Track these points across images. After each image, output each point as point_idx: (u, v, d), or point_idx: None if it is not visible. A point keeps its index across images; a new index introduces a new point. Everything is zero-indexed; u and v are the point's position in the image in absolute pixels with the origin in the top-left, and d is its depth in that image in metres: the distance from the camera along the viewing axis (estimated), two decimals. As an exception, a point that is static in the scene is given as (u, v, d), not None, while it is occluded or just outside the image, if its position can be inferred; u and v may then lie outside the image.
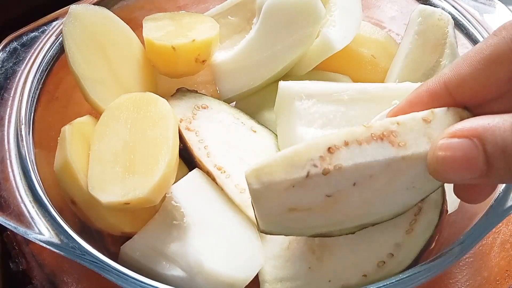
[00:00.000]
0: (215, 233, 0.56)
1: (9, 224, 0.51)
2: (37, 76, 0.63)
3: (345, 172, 0.46)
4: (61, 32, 0.62)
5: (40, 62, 0.64)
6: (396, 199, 0.48)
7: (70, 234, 0.51)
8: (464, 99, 0.45)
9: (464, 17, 0.70)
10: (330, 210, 0.48)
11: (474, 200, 0.48)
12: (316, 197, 0.47)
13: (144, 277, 0.49)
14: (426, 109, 0.46)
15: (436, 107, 0.46)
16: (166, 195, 0.57)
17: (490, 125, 0.39)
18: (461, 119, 0.45)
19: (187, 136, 0.62)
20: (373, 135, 0.46)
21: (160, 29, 0.65)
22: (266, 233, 0.50)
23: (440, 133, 0.43)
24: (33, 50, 0.64)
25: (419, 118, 0.46)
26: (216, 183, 0.59)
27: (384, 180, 0.47)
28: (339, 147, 0.46)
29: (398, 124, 0.46)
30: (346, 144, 0.46)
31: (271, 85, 0.68)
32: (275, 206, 0.47)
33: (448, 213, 0.57)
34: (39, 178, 0.56)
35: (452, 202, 0.58)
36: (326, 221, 0.48)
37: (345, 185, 0.47)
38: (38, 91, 0.63)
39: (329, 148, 0.46)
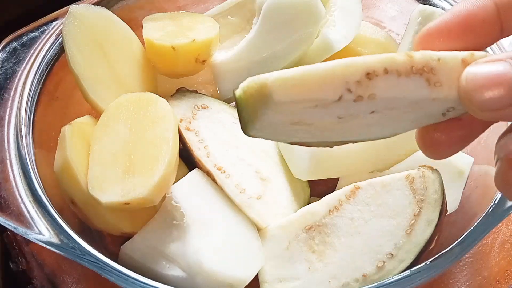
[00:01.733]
0: (215, 233, 0.56)
1: (9, 224, 0.51)
2: (37, 76, 0.63)
3: (375, 102, 0.42)
4: (61, 32, 0.62)
5: (40, 62, 0.64)
6: (394, 126, 0.44)
7: (70, 234, 0.51)
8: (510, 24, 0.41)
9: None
10: (331, 129, 0.43)
11: (439, 154, 0.43)
12: (329, 117, 0.42)
13: (144, 277, 0.49)
14: (474, 22, 0.42)
15: (483, 24, 0.42)
16: (166, 195, 0.57)
17: None
18: None
19: (187, 136, 0.62)
20: (413, 68, 0.41)
21: (160, 29, 0.65)
22: (249, 135, 0.43)
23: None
24: (33, 50, 0.64)
25: (459, 59, 0.41)
26: (216, 183, 0.59)
27: (401, 113, 0.43)
28: (378, 74, 0.41)
29: (439, 61, 0.41)
30: (386, 72, 0.41)
31: (271, 85, 0.68)
32: (282, 120, 0.42)
33: (448, 213, 0.57)
34: (39, 178, 0.56)
35: (452, 202, 0.58)
36: (316, 137, 0.44)
37: (364, 111, 0.42)
38: (38, 91, 0.63)
39: (367, 74, 0.41)
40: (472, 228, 0.51)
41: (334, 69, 0.41)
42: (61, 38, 0.64)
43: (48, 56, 0.64)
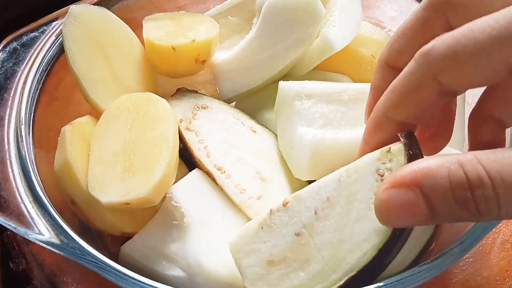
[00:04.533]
0: (215, 233, 0.56)
1: (9, 224, 0.51)
2: (37, 76, 0.63)
3: (303, 199, 0.48)
4: (61, 32, 0.62)
5: (40, 62, 0.64)
6: (365, 224, 0.47)
7: (70, 235, 0.51)
8: (397, 63, 0.48)
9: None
10: (305, 256, 0.48)
11: (429, 150, 0.49)
12: (286, 238, 0.48)
13: (144, 277, 0.49)
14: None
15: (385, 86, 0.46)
16: (166, 195, 0.57)
17: (427, 170, 0.38)
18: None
19: (187, 136, 0.62)
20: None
21: (160, 29, 0.65)
22: None
23: (383, 180, 0.45)
24: (33, 50, 0.64)
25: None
26: (216, 183, 0.59)
27: (342, 201, 0.47)
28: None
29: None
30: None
31: (271, 85, 0.68)
32: (253, 261, 0.49)
33: (448, 213, 0.57)
34: (39, 178, 0.56)
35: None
36: (307, 274, 0.48)
37: (308, 216, 0.48)
38: (38, 91, 0.63)
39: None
40: (472, 228, 0.51)
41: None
42: (61, 38, 0.64)
43: (48, 56, 0.64)
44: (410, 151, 0.45)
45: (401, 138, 0.46)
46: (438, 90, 0.41)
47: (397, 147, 0.46)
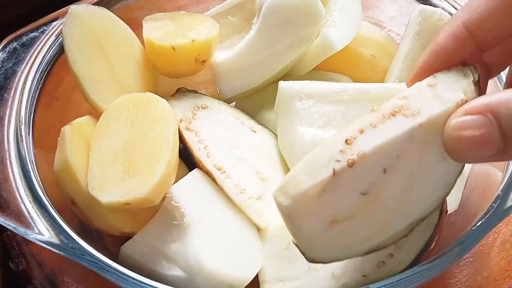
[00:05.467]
0: (215, 233, 0.56)
1: (9, 224, 0.51)
2: (37, 76, 0.63)
3: (370, 158, 0.44)
4: (61, 32, 0.62)
5: (40, 62, 0.64)
6: (434, 177, 0.45)
7: (70, 234, 0.51)
8: (486, 39, 0.44)
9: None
10: (371, 211, 0.45)
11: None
12: (351, 198, 0.45)
13: (144, 277, 0.49)
14: (452, 56, 0.45)
15: (460, 52, 0.44)
16: (166, 195, 0.57)
17: (503, 98, 0.37)
18: (464, 74, 0.44)
19: (187, 136, 0.62)
20: (384, 115, 0.44)
21: (160, 29, 0.65)
22: (317, 262, 0.46)
23: (453, 108, 0.42)
24: (33, 50, 0.64)
25: (424, 86, 0.45)
26: (216, 183, 0.59)
27: (413, 157, 0.44)
28: (355, 137, 0.44)
29: (406, 98, 0.45)
30: (361, 131, 0.44)
31: (271, 85, 0.68)
32: (313, 222, 0.45)
33: (448, 213, 0.57)
34: (39, 178, 0.56)
35: (452, 202, 0.58)
36: (372, 228, 0.46)
37: (376, 175, 0.44)
38: (38, 91, 0.63)
39: (346, 140, 0.44)
40: (472, 228, 0.51)
41: (317, 152, 0.45)
42: (61, 38, 0.64)
43: (48, 56, 0.64)
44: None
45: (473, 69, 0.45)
46: None
47: (471, 89, 0.44)
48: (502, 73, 0.60)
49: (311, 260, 0.46)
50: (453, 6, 0.71)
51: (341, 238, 0.46)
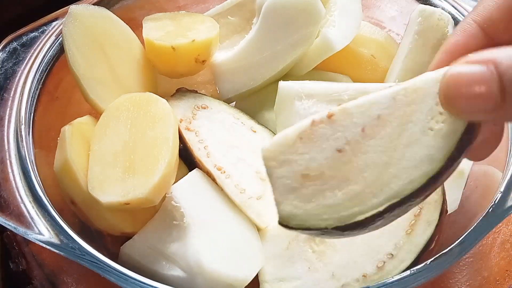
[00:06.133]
0: (215, 233, 0.56)
1: (9, 224, 0.51)
2: (37, 76, 0.63)
3: (349, 111, 0.44)
4: (61, 32, 0.62)
5: (40, 62, 0.64)
6: (417, 150, 0.42)
7: (70, 234, 0.51)
8: (497, 35, 0.42)
9: (464, 16, 0.70)
10: (344, 175, 0.43)
11: (476, 156, 0.45)
12: (326, 152, 0.43)
13: (144, 277, 0.49)
14: (465, 51, 0.42)
15: (473, 46, 0.42)
16: (166, 195, 0.57)
17: (506, 50, 0.36)
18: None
19: (187, 136, 0.62)
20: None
21: (160, 29, 0.65)
22: (286, 225, 0.45)
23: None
24: (33, 50, 0.64)
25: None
26: (216, 183, 0.59)
27: (395, 122, 0.43)
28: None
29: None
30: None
31: (271, 85, 0.68)
32: (287, 172, 0.43)
33: (448, 213, 0.57)
34: (39, 178, 0.56)
35: (452, 202, 0.58)
36: (343, 195, 0.43)
37: (354, 133, 0.43)
38: (38, 91, 0.63)
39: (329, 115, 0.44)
40: (472, 228, 0.51)
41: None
42: (61, 38, 0.64)
43: (48, 56, 0.64)
44: None
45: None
46: None
47: None
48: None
49: (281, 220, 0.45)
50: (453, 6, 0.71)
51: (310, 198, 0.44)
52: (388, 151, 0.42)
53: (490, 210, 0.52)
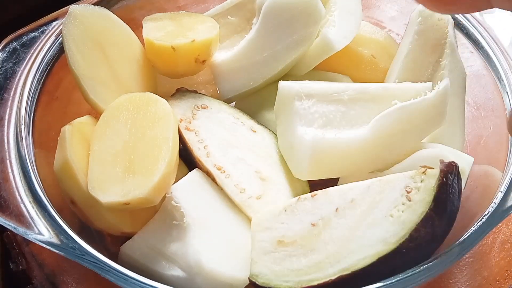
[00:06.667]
0: (215, 233, 0.56)
1: (9, 224, 0.51)
2: (37, 76, 0.63)
3: (330, 194, 0.52)
4: (61, 32, 0.62)
5: (40, 62, 0.64)
6: (376, 232, 0.49)
7: (70, 235, 0.51)
8: None
9: (464, 17, 0.70)
10: (312, 245, 0.50)
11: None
12: (302, 225, 0.51)
13: (144, 277, 0.49)
14: None
15: None
16: (166, 195, 0.57)
17: None
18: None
19: (187, 136, 0.62)
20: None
21: (160, 29, 0.65)
22: (255, 280, 0.52)
23: None
24: (33, 50, 0.64)
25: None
26: (216, 183, 0.59)
27: (365, 205, 0.50)
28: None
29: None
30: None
31: (271, 85, 0.68)
32: (266, 237, 0.52)
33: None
34: (39, 178, 0.56)
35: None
36: (308, 262, 0.50)
37: (329, 211, 0.51)
38: (38, 91, 0.63)
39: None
40: (472, 228, 0.51)
41: None
42: (61, 38, 0.64)
43: (48, 56, 0.64)
44: (444, 179, 0.48)
45: (440, 164, 0.49)
46: None
47: (434, 172, 0.49)
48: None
49: (251, 277, 0.52)
50: (453, 6, 0.71)
51: (280, 261, 0.51)
52: (353, 229, 0.50)
53: (490, 210, 0.52)
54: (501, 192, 0.53)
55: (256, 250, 0.52)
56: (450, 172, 0.48)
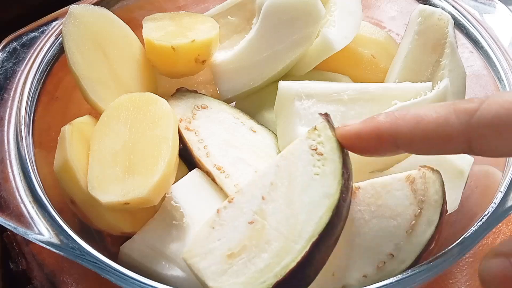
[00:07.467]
0: (215, 233, 0.56)
1: (9, 224, 0.51)
2: (37, 76, 0.63)
3: (246, 190, 0.51)
4: (61, 32, 0.62)
5: (40, 62, 0.64)
6: (311, 193, 0.49)
7: (70, 235, 0.51)
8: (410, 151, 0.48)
9: (464, 17, 0.70)
10: (265, 239, 0.49)
11: None
12: (240, 229, 0.50)
13: (144, 277, 0.49)
14: None
15: None
16: (166, 195, 0.57)
17: None
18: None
19: (187, 136, 0.62)
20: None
21: (160, 29, 0.65)
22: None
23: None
24: (33, 50, 0.64)
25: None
26: (216, 183, 0.59)
27: (285, 181, 0.50)
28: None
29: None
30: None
31: (271, 85, 0.68)
32: (211, 261, 0.49)
33: (448, 213, 0.57)
34: (39, 178, 0.56)
35: (452, 202, 0.58)
36: (272, 254, 0.48)
37: (256, 203, 0.50)
38: (38, 91, 0.63)
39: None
40: (472, 228, 0.51)
41: None
42: (61, 38, 0.64)
43: (48, 56, 0.64)
44: (332, 124, 0.51)
45: (321, 117, 0.51)
46: (464, 150, 0.42)
47: (322, 124, 0.51)
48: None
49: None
50: (453, 6, 0.71)
51: (243, 270, 0.48)
52: (291, 203, 0.49)
53: (490, 210, 0.52)
54: (501, 192, 0.53)
55: (210, 277, 0.48)
56: (328, 117, 0.51)
